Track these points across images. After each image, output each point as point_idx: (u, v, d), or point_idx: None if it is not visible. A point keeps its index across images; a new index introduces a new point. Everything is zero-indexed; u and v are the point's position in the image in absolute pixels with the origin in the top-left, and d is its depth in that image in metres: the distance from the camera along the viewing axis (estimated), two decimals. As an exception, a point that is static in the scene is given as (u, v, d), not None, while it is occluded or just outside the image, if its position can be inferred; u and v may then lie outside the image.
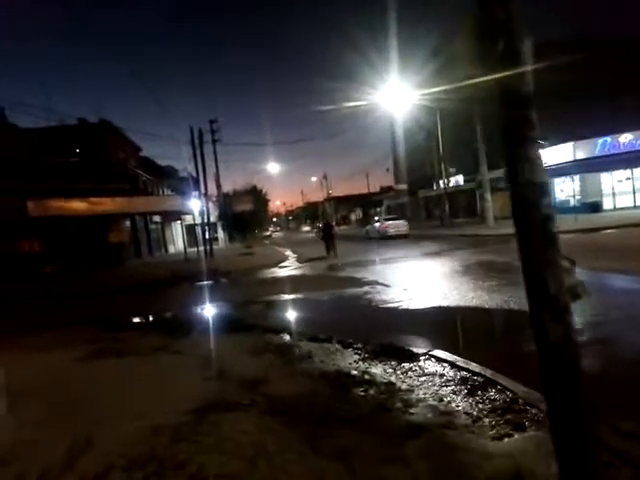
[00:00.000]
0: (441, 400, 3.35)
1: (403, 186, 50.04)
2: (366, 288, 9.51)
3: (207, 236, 24.36)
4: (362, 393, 3.58)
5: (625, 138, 22.05)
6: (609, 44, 27.88)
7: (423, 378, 3.83)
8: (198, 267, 17.71)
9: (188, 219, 31.16)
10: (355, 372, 4.12)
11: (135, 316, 9.41)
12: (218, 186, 34.36)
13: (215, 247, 28.39)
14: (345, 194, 72.21)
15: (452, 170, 30.40)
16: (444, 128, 30.03)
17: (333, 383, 3.87)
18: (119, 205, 20.14)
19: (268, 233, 61.63)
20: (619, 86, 24.48)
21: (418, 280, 9.95)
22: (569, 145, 24.02)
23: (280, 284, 12.09)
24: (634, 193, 23.14)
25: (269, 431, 3.10)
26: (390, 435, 2.91)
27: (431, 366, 4.14)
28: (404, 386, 3.68)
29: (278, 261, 19.26)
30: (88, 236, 22.49)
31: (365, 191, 65.07)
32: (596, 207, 23.44)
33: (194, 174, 24.36)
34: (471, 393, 3.42)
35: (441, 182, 31.46)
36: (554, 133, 25.60)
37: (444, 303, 7.18)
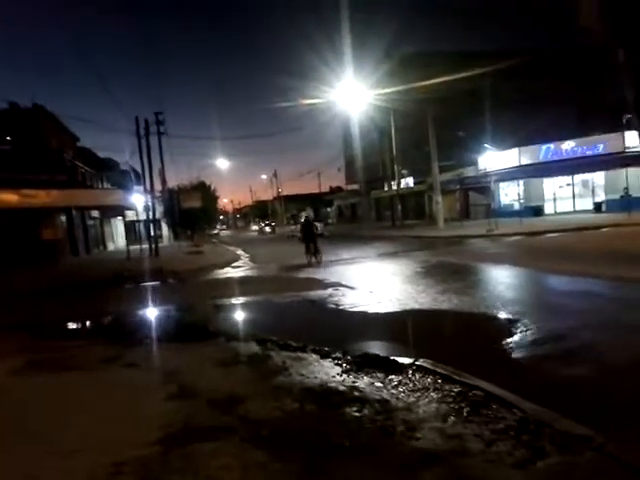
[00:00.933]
0: (445, 420, 3.04)
1: (354, 186, 50.34)
2: (330, 290, 9.16)
3: (153, 233, 23.01)
4: (356, 413, 3.20)
5: (567, 145, 23.31)
6: (558, 54, 29.46)
7: (417, 394, 3.51)
8: (143, 266, 16.61)
9: (129, 215, 29.41)
10: (342, 387, 3.73)
11: (76, 321, 8.47)
12: (163, 181, 32.64)
13: (159, 245, 26.96)
14: (295, 193, 71.81)
15: (404, 172, 30.88)
16: (395, 130, 30.45)
17: (320, 401, 3.45)
18: (54, 198, 18.46)
19: (216, 231, 59.83)
20: (563, 96, 25.93)
21: (382, 282, 9.75)
22: (515, 151, 25.07)
23: (237, 286, 11.49)
24: (573, 198, 24.53)
25: (256, 466, 2.64)
26: (398, 466, 2.55)
27: (422, 379, 3.83)
28: (400, 404, 3.34)
29: (230, 261, 18.52)
30: (19, 231, 20.49)
31: (316, 191, 65.03)
32: (538, 211, 24.62)
33: (136, 168, 23.00)
34: (475, 411, 3.14)
35: (393, 183, 31.87)
36: (502, 139, 26.71)
37: (416, 306, 6.98)
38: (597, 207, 23.52)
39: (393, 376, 3.92)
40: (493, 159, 26.51)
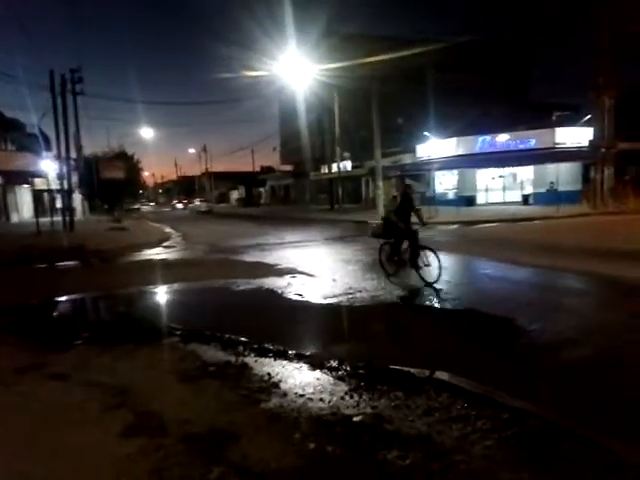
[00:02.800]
0: (518, 468, 2.35)
1: (288, 167, 49.19)
2: (288, 278, 8.26)
3: (68, 205, 20.34)
4: (401, 460, 2.41)
5: (502, 138, 24.08)
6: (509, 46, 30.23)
7: (459, 425, 2.80)
8: (57, 243, 14.45)
9: (38, 184, 25.96)
10: (362, 416, 2.92)
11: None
12: (79, 147, 29.29)
13: (74, 219, 24.06)
14: (225, 170, 68.61)
15: (346, 154, 30.34)
16: (333, 115, 29.72)
17: (344, 440, 2.62)
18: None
19: (137, 206, 55.52)
20: (497, 90, 26.77)
21: (340, 269, 9.02)
22: (453, 140, 25.50)
23: (176, 269, 10.16)
24: (504, 190, 25.56)
25: None
26: None
27: (451, 400, 3.14)
28: (448, 441, 2.60)
29: (161, 240, 16.83)
30: None
31: (247, 170, 62.79)
32: (471, 201, 25.38)
33: (47, 132, 20.01)
34: (551, 452, 2.49)
35: (334, 166, 31.25)
36: (440, 129, 27.05)
37: (389, 298, 6.33)
38: (525, 199, 24.71)
39: (416, 397, 3.18)
40: (432, 148, 26.83)
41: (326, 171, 36.57)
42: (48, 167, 25.95)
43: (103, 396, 3.35)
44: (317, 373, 3.71)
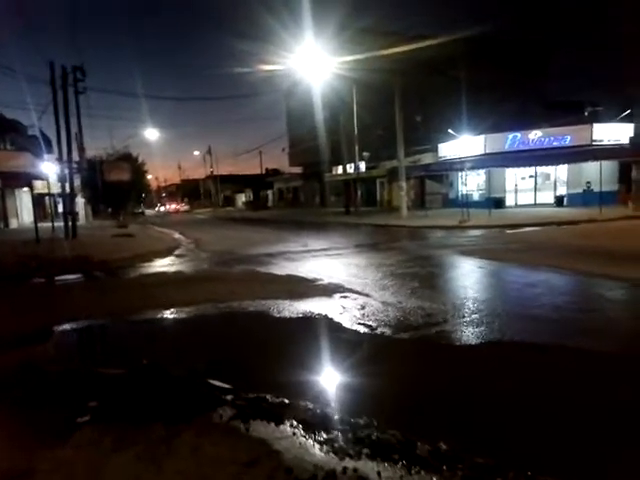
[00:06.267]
0: None
1: (297, 169, 47.66)
2: (338, 299, 6.68)
3: (69, 209, 18.81)
4: None
5: (534, 135, 22.45)
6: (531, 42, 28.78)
7: None
8: (58, 252, 12.96)
9: (38, 187, 24.52)
10: None
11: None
12: (81, 148, 27.83)
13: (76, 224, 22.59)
14: (231, 173, 66.96)
15: (365, 154, 28.71)
16: (349, 113, 28.18)
17: None
18: None
19: (140, 210, 53.95)
20: (528, 86, 25.19)
21: (397, 286, 7.41)
22: (480, 138, 23.90)
23: (195, 285, 8.59)
24: (535, 191, 23.93)
25: None
26: None
27: None
28: None
29: (171, 248, 15.28)
30: None
31: (254, 172, 61.27)
32: (500, 203, 23.74)
33: (48, 134, 18.53)
34: None
35: (348, 166, 29.70)
36: (463, 127, 25.48)
37: (499, 336, 4.72)
38: (559, 201, 23.08)
39: None
40: (456, 146, 25.24)
41: (340, 172, 34.97)
42: (49, 169, 24.52)
43: None
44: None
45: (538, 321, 5.18)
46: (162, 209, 54.19)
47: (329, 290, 7.34)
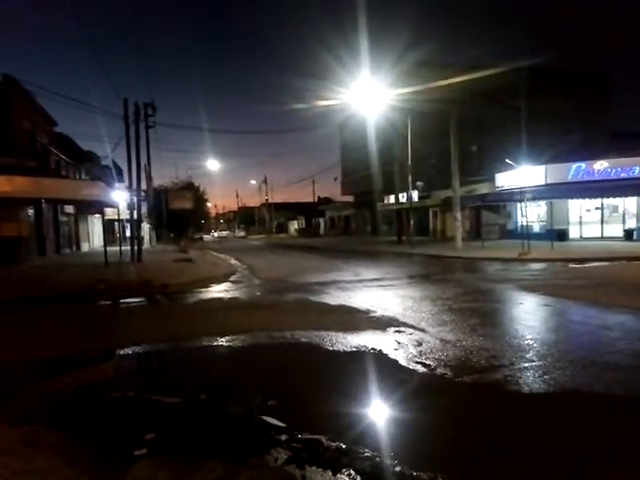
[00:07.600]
0: None
1: (349, 198, 47.97)
2: (392, 333, 6.52)
3: (136, 234, 19.95)
4: None
5: (600, 165, 21.32)
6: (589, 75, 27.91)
7: None
8: (124, 275, 13.70)
9: (109, 214, 26.29)
10: None
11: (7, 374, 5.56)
12: (149, 177, 29.74)
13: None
14: (284, 201, 68.64)
15: (419, 183, 28.51)
16: (403, 140, 28.18)
17: None
18: (20, 186, 15.31)
19: (199, 236, 56.29)
20: (592, 115, 24.15)
21: (455, 321, 7.12)
22: (541, 168, 23.01)
23: (248, 312, 8.73)
24: (602, 223, 22.54)
25: None
26: None
27: None
28: None
29: (227, 273, 15.72)
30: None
31: (307, 200, 62.34)
32: (562, 235, 22.51)
33: (119, 164, 19.97)
34: None
35: (401, 196, 29.50)
36: (521, 157, 24.69)
37: (573, 386, 4.37)
38: (628, 234, 21.54)
39: None
40: (515, 177, 24.42)
41: (392, 201, 34.79)
42: (119, 197, 26.28)
43: None
44: None
45: (617, 370, 4.76)
46: (216, 234, 62.95)
47: (383, 323, 7.19)
